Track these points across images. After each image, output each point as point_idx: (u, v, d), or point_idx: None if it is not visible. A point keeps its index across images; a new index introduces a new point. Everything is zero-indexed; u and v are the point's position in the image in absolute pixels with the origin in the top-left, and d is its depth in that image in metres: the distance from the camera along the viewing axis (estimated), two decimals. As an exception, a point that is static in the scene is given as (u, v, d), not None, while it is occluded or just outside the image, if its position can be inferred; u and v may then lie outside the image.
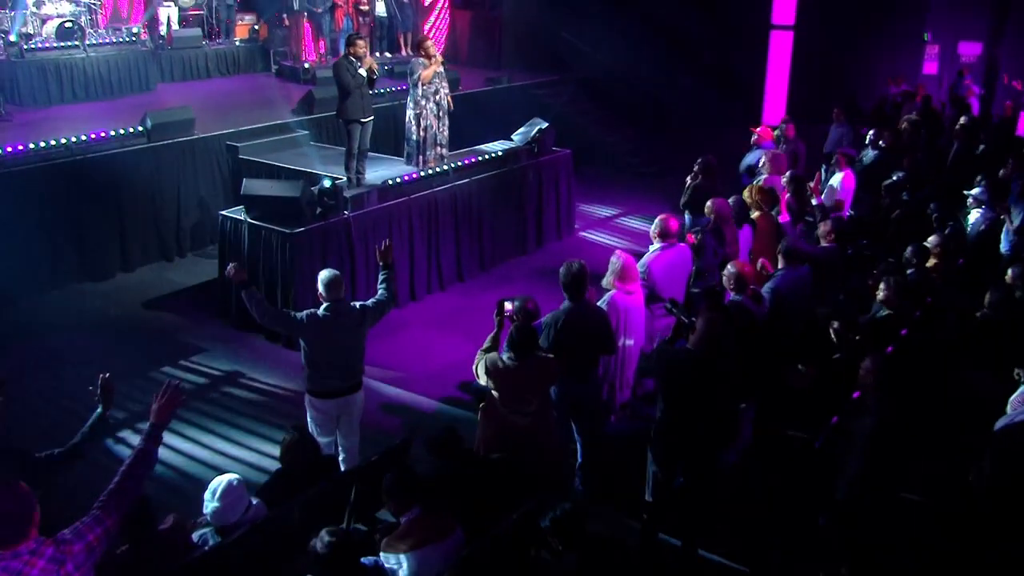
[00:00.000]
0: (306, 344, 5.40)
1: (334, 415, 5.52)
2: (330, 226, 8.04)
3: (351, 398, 5.52)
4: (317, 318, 5.31)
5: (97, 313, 8.97)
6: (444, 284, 9.41)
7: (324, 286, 5.35)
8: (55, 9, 13.84)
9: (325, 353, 5.37)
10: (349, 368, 5.49)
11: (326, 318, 5.32)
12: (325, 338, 5.33)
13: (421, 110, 9.28)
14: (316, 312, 5.34)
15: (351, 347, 5.46)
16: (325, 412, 5.48)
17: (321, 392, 5.45)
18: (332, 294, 5.34)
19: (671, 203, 12.56)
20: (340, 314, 5.36)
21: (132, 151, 9.92)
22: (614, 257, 6.01)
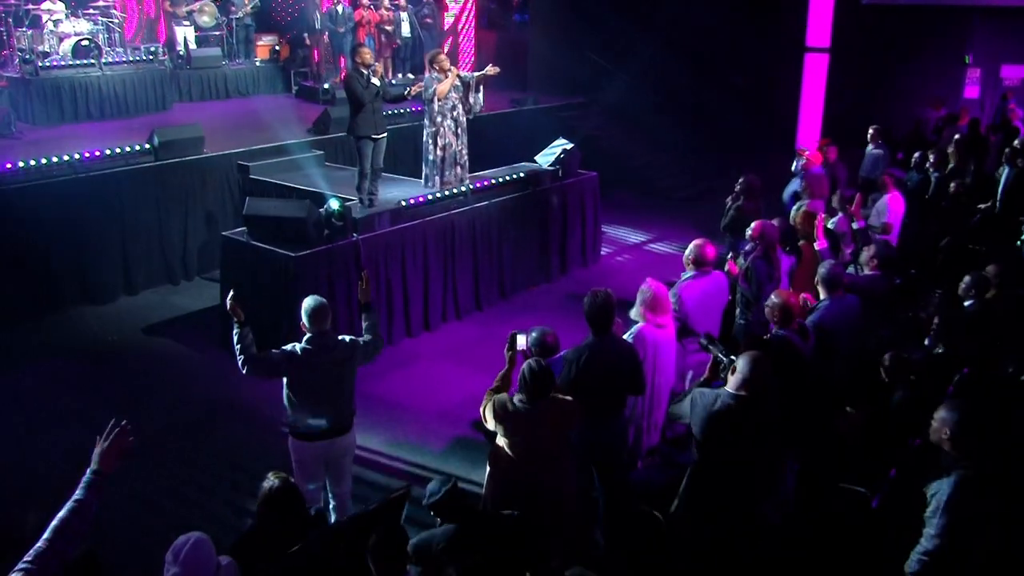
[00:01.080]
0: (287, 381, 4.83)
1: (320, 460, 4.92)
2: (338, 249, 7.52)
3: (338, 441, 4.93)
4: (297, 352, 4.75)
5: (94, 338, 8.53)
6: (461, 313, 8.84)
7: (307, 316, 4.78)
8: (73, 27, 13.58)
9: (307, 391, 4.79)
10: (335, 408, 4.89)
11: (307, 352, 4.75)
12: (307, 374, 4.76)
13: (438, 127, 8.78)
14: (297, 345, 4.78)
15: (337, 385, 4.86)
16: (309, 457, 4.89)
17: (304, 435, 4.87)
18: (316, 325, 4.78)
19: (702, 228, 12.00)
20: (325, 348, 4.79)
21: (138, 169, 9.53)
22: (644, 286, 5.42)
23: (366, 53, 8.15)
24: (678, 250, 11.17)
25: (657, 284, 5.42)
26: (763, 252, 6.47)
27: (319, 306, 4.81)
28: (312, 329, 4.78)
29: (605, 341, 4.92)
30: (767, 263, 6.44)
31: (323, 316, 4.80)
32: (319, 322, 4.78)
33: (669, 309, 5.40)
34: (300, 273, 7.24)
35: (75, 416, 6.91)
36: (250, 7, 15.74)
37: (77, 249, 9.09)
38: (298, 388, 4.79)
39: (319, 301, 4.85)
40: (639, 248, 11.38)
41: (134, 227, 9.49)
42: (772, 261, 6.49)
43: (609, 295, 4.91)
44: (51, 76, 12.60)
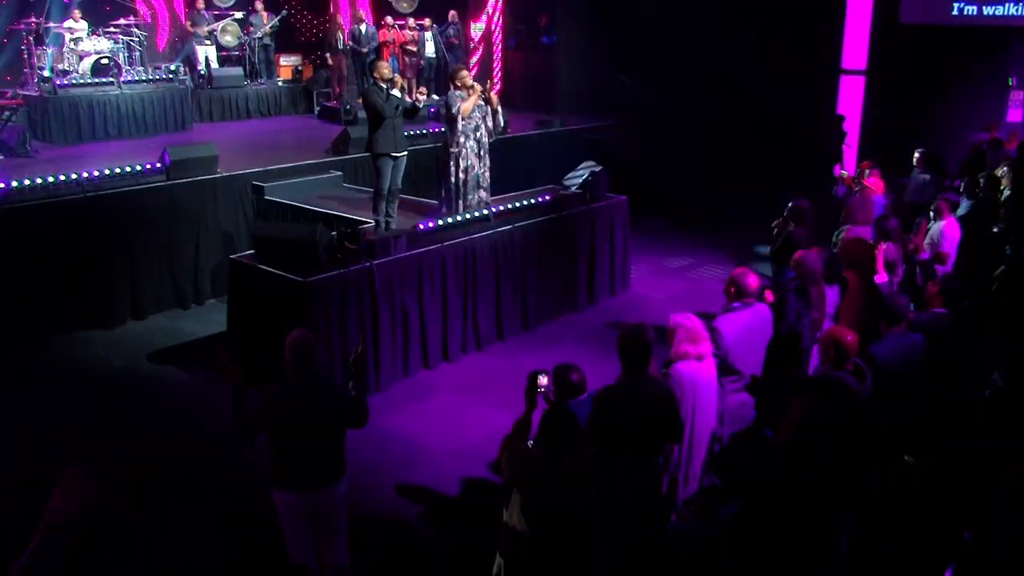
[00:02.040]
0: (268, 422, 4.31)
1: (304, 515, 4.36)
2: (351, 275, 7.06)
3: (324, 494, 4.35)
4: (277, 388, 4.28)
5: (97, 364, 8.13)
6: (481, 343, 8.34)
7: (288, 349, 4.26)
8: (93, 46, 13.39)
9: (286, 433, 4.26)
10: (318, 454, 4.32)
11: (288, 389, 4.25)
12: (286, 414, 4.23)
13: (460, 148, 8.34)
14: (277, 383, 4.31)
15: (321, 431, 4.30)
16: (290, 510, 4.35)
17: (285, 482, 4.34)
18: (299, 361, 4.26)
19: (737, 255, 11.48)
20: (307, 388, 4.26)
21: (149, 189, 9.17)
22: (676, 318, 4.90)
23: (384, 67, 7.76)
24: (712, 278, 10.68)
25: (685, 316, 4.92)
26: (797, 286, 5.95)
27: (300, 340, 4.29)
28: (293, 363, 4.27)
29: (639, 381, 4.40)
30: (800, 298, 5.90)
31: (305, 350, 4.27)
32: (297, 359, 4.26)
33: (706, 337, 4.88)
34: (310, 299, 6.79)
35: (68, 444, 6.51)
36: (270, 27, 15.52)
37: (84, 270, 8.72)
38: (276, 427, 4.28)
39: (301, 334, 4.34)
40: (670, 276, 10.83)
41: (144, 248, 9.13)
42: (807, 296, 5.94)
43: (644, 329, 4.39)
44: (69, 94, 12.41)
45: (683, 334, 4.76)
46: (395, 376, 7.61)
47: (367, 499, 5.85)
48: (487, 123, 8.38)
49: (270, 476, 4.38)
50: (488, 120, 8.41)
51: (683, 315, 4.87)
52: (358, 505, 5.63)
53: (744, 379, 5.30)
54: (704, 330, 4.83)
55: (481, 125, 8.47)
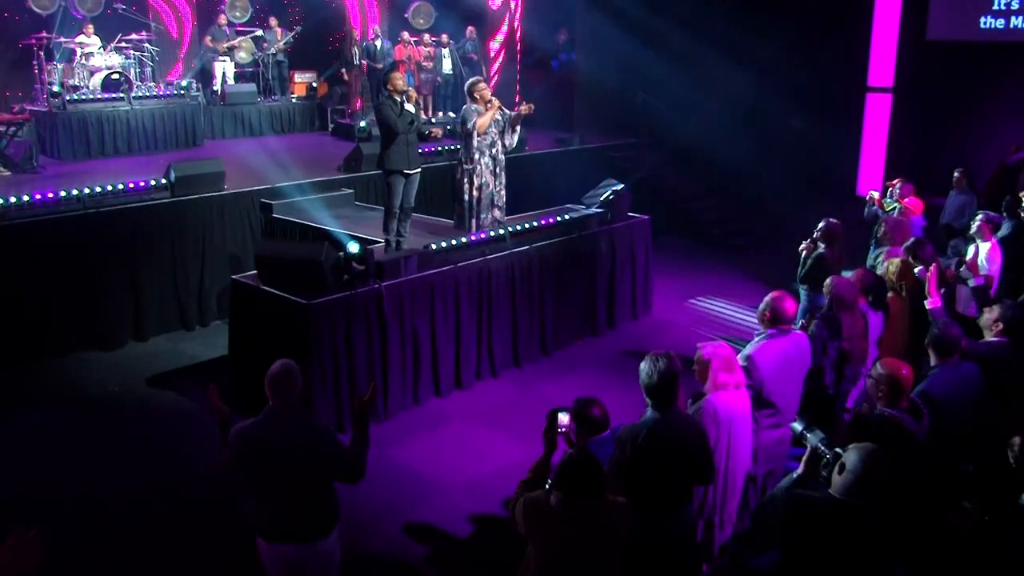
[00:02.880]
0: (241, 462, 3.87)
1: (287, 568, 3.88)
2: (358, 297, 6.67)
3: (311, 548, 3.87)
4: (254, 425, 3.82)
5: (93, 387, 7.79)
6: (496, 370, 7.90)
7: (268, 383, 3.81)
8: (104, 61, 13.17)
9: (261, 477, 3.81)
10: (298, 505, 3.84)
11: (264, 426, 3.80)
12: (264, 455, 3.77)
13: (475, 165, 7.98)
14: (250, 423, 3.85)
15: (301, 479, 3.79)
16: (274, 563, 3.90)
17: (263, 532, 3.89)
18: (277, 396, 3.81)
19: (762, 278, 11.01)
20: (286, 429, 3.80)
21: (152, 205, 8.85)
22: (706, 348, 4.46)
23: (398, 79, 7.40)
24: (736, 302, 10.23)
25: (716, 344, 4.50)
26: (827, 314, 5.50)
27: (282, 371, 3.81)
28: (274, 399, 3.82)
29: (668, 418, 3.97)
30: (828, 327, 5.45)
31: (286, 383, 3.80)
32: (277, 391, 3.80)
33: (739, 365, 4.45)
34: (313, 323, 6.40)
35: (57, 473, 6.15)
36: (283, 43, 15.28)
37: (84, 290, 8.41)
38: (252, 471, 3.83)
39: (283, 365, 3.85)
40: (693, 300, 10.37)
41: (146, 267, 8.80)
42: (836, 326, 5.49)
43: (672, 360, 3.95)
44: (78, 110, 12.18)
45: (719, 363, 4.33)
46: (404, 404, 7.20)
47: (369, 538, 5.44)
48: (503, 139, 8.02)
49: (251, 522, 3.96)
50: (506, 137, 8.05)
51: (715, 344, 4.44)
52: (358, 545, 5.24)
53: (780, 413, 4.86)
54: (735, 357, 4.41)
55: (497, 141, 8.12)
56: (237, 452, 3.82)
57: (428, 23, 16.50)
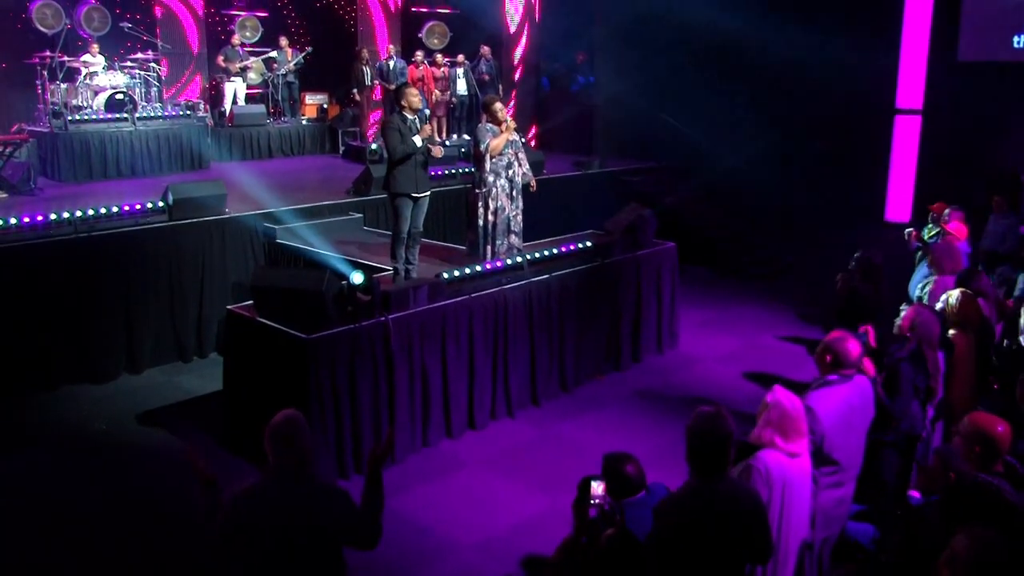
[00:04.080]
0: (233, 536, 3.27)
1: None
2: (363, 331, 6.09)
3: None
4: (250, 493, 3.23)
5: (81, 425, 7.24)
6: (513, 409, 7.29)
7: (268, 439, 3.24)
8: (109, 80, 12.79)
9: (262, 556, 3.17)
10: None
11: (265, 492, 3.22)
12: (264, 528, 3.17)
13: (489, 188, 7.45)
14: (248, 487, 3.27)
15: (310, 552, 3.20)
16: None
17: None
18: (280, 454, 3.23)
19: (794, 310, 10.39)
20: (292, 494, 3.21)
21: (149, 230, 8.36)
22: (770, 397, 3.86)
23: (413, 95, 6.90)
24: (767, 334, 9.60)
25: (788, 396, 3.85)
26: (912, 352, 4.90)
27: (281, 426, 3.24)
28: (275, 458, 3.25)
29: (716, 487, 3.35)
30: (915, 366, 4.85)
31: (286, 440, 3.22)
32: (280, 449, 3.23)
33: (805, 431, 3.83)
34: (314, 359, 5.83)
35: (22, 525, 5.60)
36: (293, 64, 14.87)
37: (74, 319, 7.89)
38: (243, 547, 3.22)
39: (284, 419, 3.28)
40: (721, 332, 9.74)
41: (142, 295, 8.27)
42: (923, 363, 4.91)
43: (722, 418, 3.34)
44: (80, 131, 11.78)
45: (776, 417, 3.72)
46: (413, 446, 6.61)
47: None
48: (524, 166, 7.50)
49: None
50: (521, 155, 7.54)
51: (785, 393, 3.82)
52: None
53: (842, 470, 4.25)
54: (804, 420, 3.78)
55: (514, 163, 7.60)
56: (230, 524, 3.22)
57: (442, 43, 16.10)
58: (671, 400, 7.74)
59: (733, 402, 7.64)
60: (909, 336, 4.85)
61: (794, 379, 8.23)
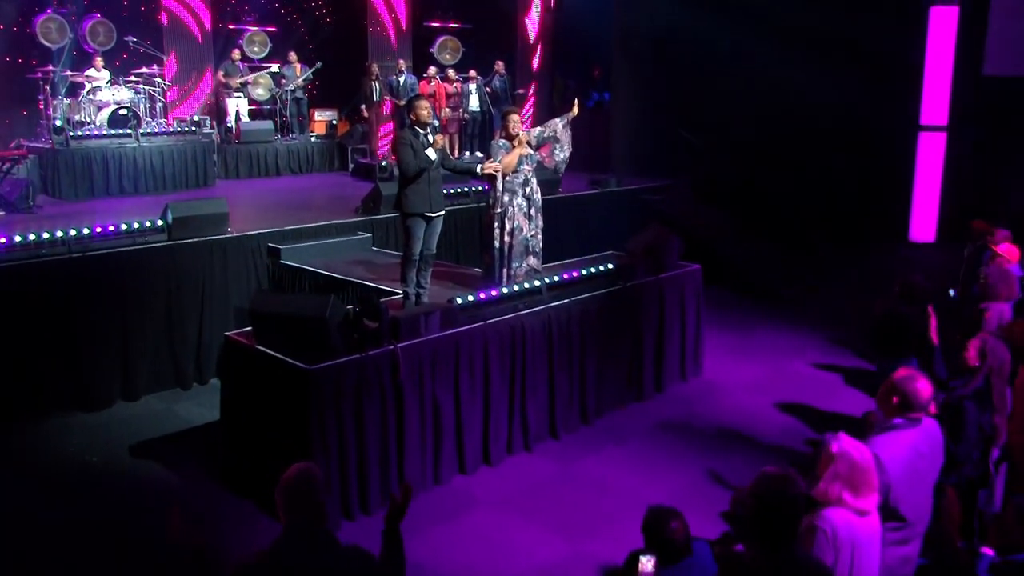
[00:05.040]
0: None
1: None
2: (369, 361, 5.63)
3: None
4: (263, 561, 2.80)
5: (69, 456, 6.80)
6: (530, 443, 6.81)
7: (280, 496, 2.85)
8: (112, 95, 12.46)
9: None
10: None
11: (280, 558, 2.78)
12: None
13: (505, 207, 7.02)
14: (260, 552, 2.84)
15: None
16: None
17: None
18: (294, 512, 2.84)
19: (822, 334, 9.88)
20: (310, 559, 2.78)
21: (146, 250, 7.96)
22: (835, 447, 3.37)
23: (423, 108, 6.48)
24: (794, 360, 9.12)
25: (856, 445, 3.37)
26: (977, 390, 4.43)
27: (295, 482, 2.85)
28: (289, 516, 2.84)
29: (781, 560, 2.88)
30: (980, 405, 4.39)
31: (301, 498, 2.83)
32: (293, 507, 2.83)
33: (876, 486, 3.35)
34: (317, 392, 5.38)
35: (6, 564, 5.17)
36: (302, 79, 14.52)
37: (68, 343, 7.48)
38: None
39: (298, 473, 2.88)
40: (746, 358, 9.25)
41: (138, 318, 7.86)
42: (989, 400, 4.44)
43: (792, 481, 2.86)
44: (82, 147, 11.45)
45: (844, 470, 3.25)
46: (424, 484, 6.14)
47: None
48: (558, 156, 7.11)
49: None
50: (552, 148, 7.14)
51: (851, 442, 3.34)
52: None
53: (909, 526, 3.77)
54: (875, 474, 3.31)
55: (531, 180, 7.17)
56: None
57: (455, 59, 15.77)
58: (697, 433, 7.26)
59: (764, 435, 7.23)
60: (977, 368, 4.38)
61: (828, 410, 7.82)
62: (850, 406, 7.71)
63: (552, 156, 7.40)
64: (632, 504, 5.99)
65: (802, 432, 7.27)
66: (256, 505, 5.80)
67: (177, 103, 14.23)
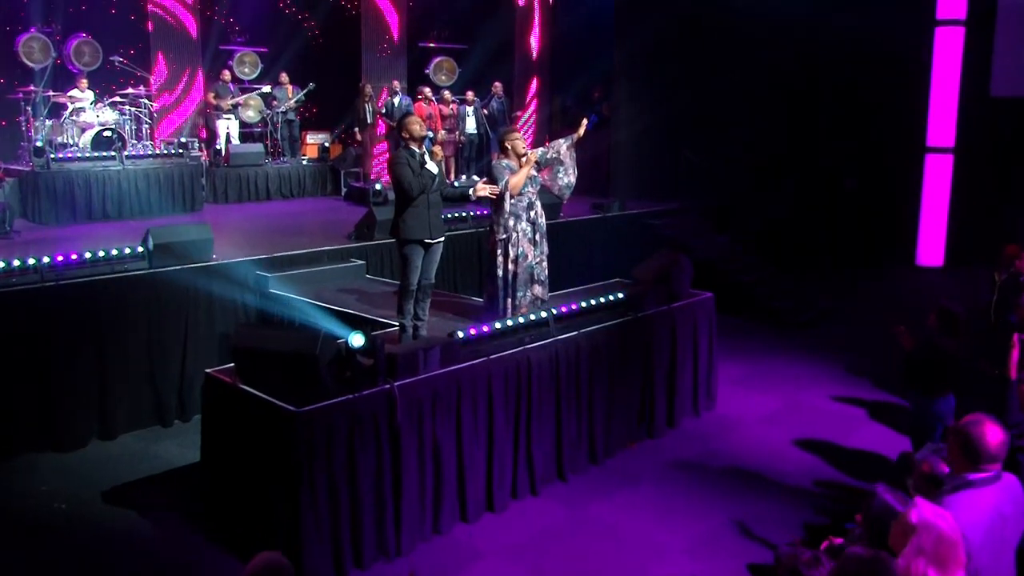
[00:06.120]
0: None
1: None
2: (362, 401, 5.14)
3: None
4: None
5: (34, 502, 6.27)
6: (537, 486, 6.30)
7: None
8: (96, 117, 12.03)
9: None
10: None
11: None
12: None
13: (510, 233, 6.57)
14: None
15: None
16: None
17: None
18: None
19: (840, 363, 9.42)
20: None
21: (126, 278, 7.49)
22: (915, 517, 2.89)
23: (414, 123, 6.02)
24: (810, 391, 8.66)
25: (939, 513, 2.88)
26: None
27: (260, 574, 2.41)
28: None
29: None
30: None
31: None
32: None
33: (963, 561, 2.87)
34: (305, 436, 4.88)
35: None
36: (294, 101, 14.11)
37: (39, 377, 7.00)
38: None
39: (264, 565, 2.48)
40: (759, 389, 8.77)
41: (117, 350, 7.38)
42: None
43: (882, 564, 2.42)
44: (63, 169, 11.00)
45: (930, 545, 2.77)
46: (422, 534, 5.63)
47: None
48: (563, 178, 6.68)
49: None
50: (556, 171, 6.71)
51: (933, 510, 2.86)
52: None
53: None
54: (963, 546, 2.83)
55: (536, 203, 6.73)
56: None
57: (451, 80, 15.40)
58: (714, 473, 6.78)
59: (786, 476, 6.74)
60: None
61: (852, 447, 7.33)
62: (876, 443, 7.26)
63: (555, 180, 6.97)
64: (649, 555, 5.52)
65: (826, 473, 6.80)
66: (239, 560, 5.28)
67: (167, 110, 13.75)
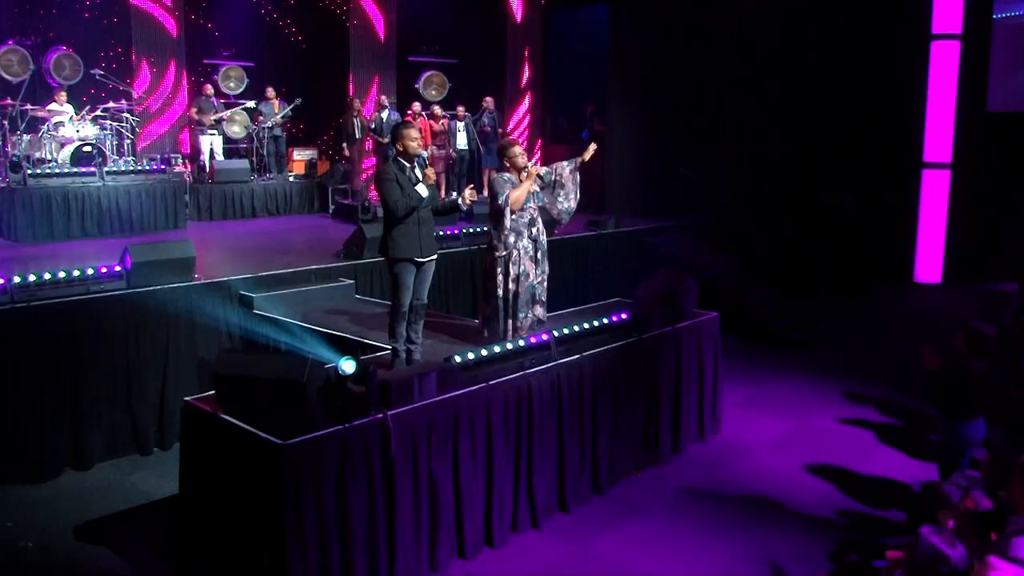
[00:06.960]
0: None
1: None
2: (354, 433, 4.77)
3: None
4: None
5: (1, 541, 5.87)
6: (538, 519, 5.93)
7: None
8: (76, 131, 11.67)
9: None
10: None
11: None
12: None
13: (510, 250, 6.24)
14: None
15: None
16: None
17: None
18: None
19: (846, 384, 9.12)
20: None
21: (102, 298, 7.11)
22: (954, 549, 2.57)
23: (412, 138, 5.69)
24: (817, 414, 8.35)
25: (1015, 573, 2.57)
26: None
27: None
28: None
29: None
30: None
31: None
32: None
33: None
34: (291, 471, 4.51)
35: None
36: (281, 116, 13.79)
37: (8, 403, 6.61)
38: None
39: None
40: (764, 412, 8.45)
41: (92, 374, 7.00)
42: None
43: None
44: (41, 185, 10.63)
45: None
46: (418, 571, 5.26)
47: None
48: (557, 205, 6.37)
49: None
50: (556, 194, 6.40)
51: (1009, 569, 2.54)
52: None
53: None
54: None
55: (537, 220, 6.41)
56: None
57: (441, 95, 15.13)
58: (724, 501, 6.44)
59: (799, 505, 6.39)
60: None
61: (865, 473, 6.99)
62: (891, 469, 6.95)
63: (555, 203, 6.66)
64: (663, 597, 5.18)
65: (841, 502, 6.47)
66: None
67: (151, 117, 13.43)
